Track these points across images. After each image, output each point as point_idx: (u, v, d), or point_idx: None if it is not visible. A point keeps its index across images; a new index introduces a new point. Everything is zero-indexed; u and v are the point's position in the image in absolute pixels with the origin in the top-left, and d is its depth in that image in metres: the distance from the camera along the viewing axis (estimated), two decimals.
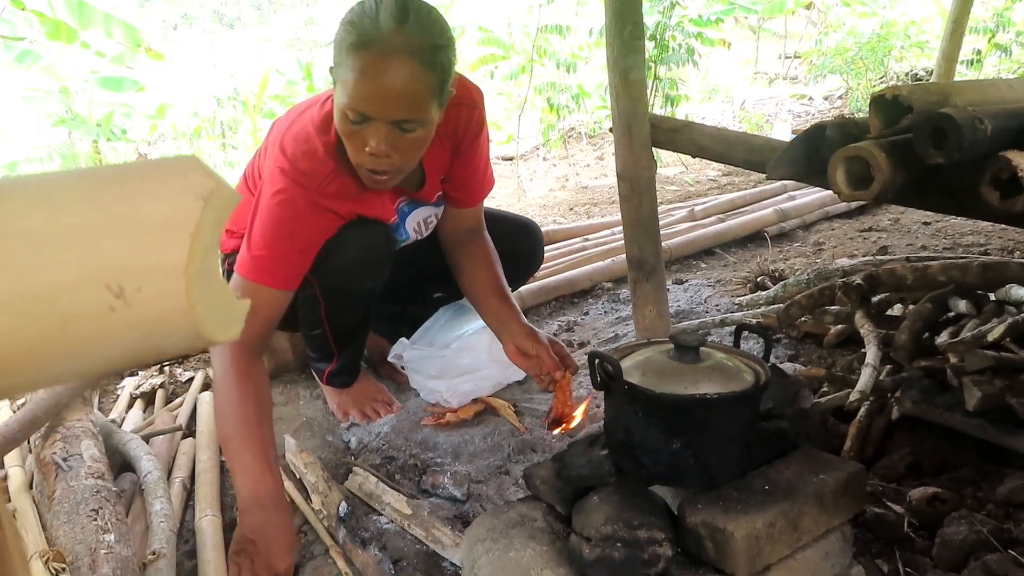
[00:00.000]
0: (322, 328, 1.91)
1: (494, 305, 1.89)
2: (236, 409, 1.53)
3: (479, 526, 1.35)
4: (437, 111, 1.55)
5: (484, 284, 1.92)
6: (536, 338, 1.83)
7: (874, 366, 1.75)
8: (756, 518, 1.16)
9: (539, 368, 1.80)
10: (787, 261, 3.12)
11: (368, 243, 1.79)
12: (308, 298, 1.82)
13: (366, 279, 1.83)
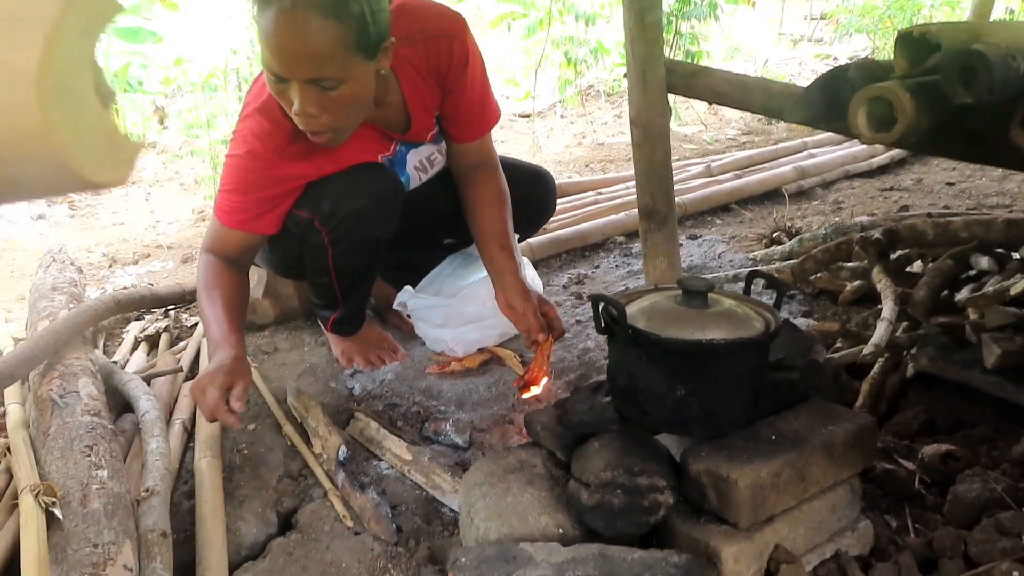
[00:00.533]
0: (328, 276, 1.88)
1: (493, 251, 1.85)
2: (205, 286, 1.66)
3: (477, 471, 1.32)
4: (365, 63, 1.47)
5: (487, 227, 1.87)
6: (525, 295, 1.77)
7: (890, 321, 1.69)
8: (761, 467, 1.12)
9: (525, 325, 1.77)
10: (804, 219, 3.05)
11: (377, 191, 1.75)
12: (315, 246, 1.78)
13: (375, 228, 1.80)
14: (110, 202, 4.55)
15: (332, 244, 1.79)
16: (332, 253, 1.81)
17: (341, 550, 1.41)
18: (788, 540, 1.16)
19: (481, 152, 1.93)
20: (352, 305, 2.01)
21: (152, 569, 1.17)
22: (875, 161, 3.65)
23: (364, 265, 1.92)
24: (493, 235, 1.86)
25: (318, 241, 1.78)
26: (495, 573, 1.10)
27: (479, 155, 1.93)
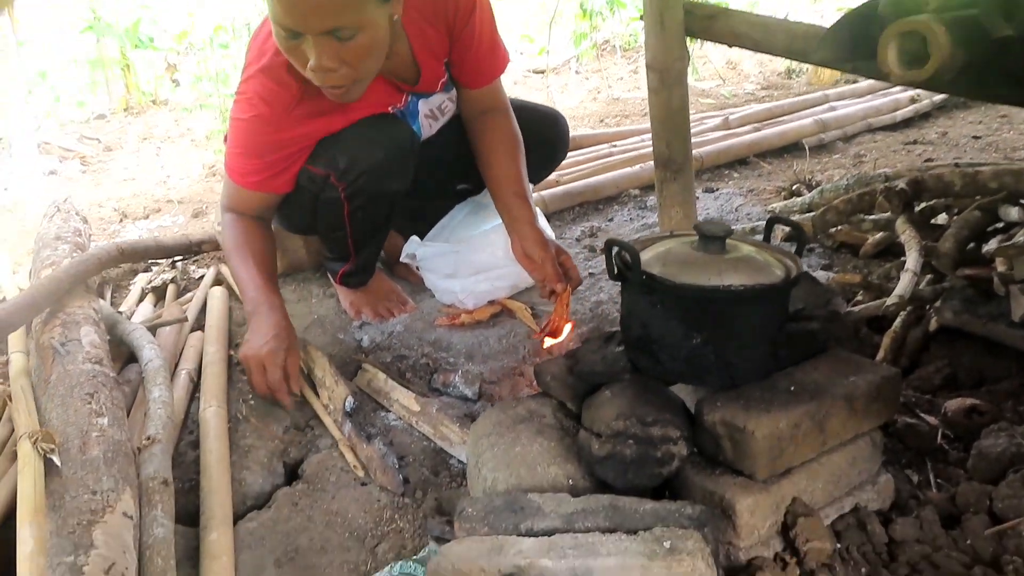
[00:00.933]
0: (343, 231, 1.83)
1: (508, 199, 1.80)
2: (234, 246, 1.69)
3: (485, 421, 1.29)
4: (380, 6, 1.42)
5: (501, 174, 1.82)
6: (543, 244, 1.74)
7: (914, 272, 1.63)
8: (779, 417, 1.08)
9: (542, 275, 1.74)
10: (825, 172, 2.97)
11: (393, 144, 1.70)
12: (331, 200, 1.73)
13: (392, 181, 1.75)
14: (122, 158, 4.52)
15: (348, 199, 1.74)
16: (348, 208, 1.77)
17: (347, 500, 1.38)
18: (806, 493, 1.12)
19: (493, 97, 1.89)
20: (363, 258, 1.97)
21: (153, 517, 1.15)
22: (898, 114, 3.54)
23: (380, 219, 1.88)
24: (508, 182, 1.81)
25: (333, 197, 1.73)
26: (503, 523, 1.07)
27: (491, 100, 1.89)
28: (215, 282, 2.16)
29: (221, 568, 1.20)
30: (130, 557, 1.05)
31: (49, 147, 4.67)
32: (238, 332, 1.95)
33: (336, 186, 1.70)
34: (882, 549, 1.13)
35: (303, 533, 1.32)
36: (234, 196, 1.71)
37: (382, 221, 1.90)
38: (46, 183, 4.04)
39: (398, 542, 1.30)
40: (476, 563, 1.00)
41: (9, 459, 1.35)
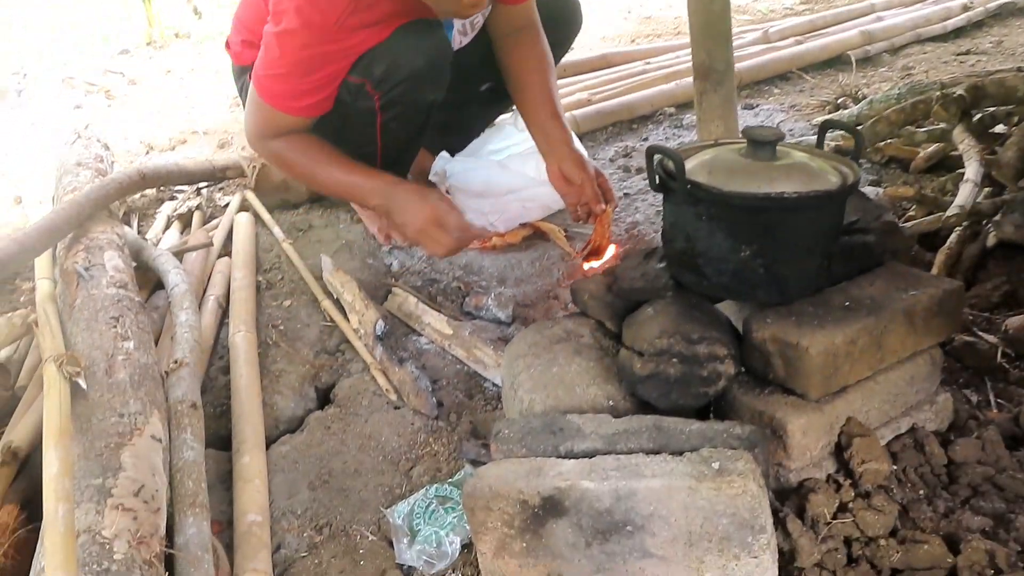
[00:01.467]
0: (373, 146, 1.76)
1: (543, 120, 1.72)
2: (307, 163, 1.64)
3: (521, 341, 1.24)
4: None
5: (535, 95, 1.74)
6: (582, 165, 1.68)
7: (975, 182, 1.53)
8: (835, 333, 1.01)
9: (579, 197, 1.67)
10: (871, 86, 2.81)
11: (432, 52, 1.63)
12: (365, 111, 1.66)
13: (429, 90, 1.68)
14: (146, 91, 4.46)
15: (383, 109, 1.67)
16: (381, 120, 1.69)
17: (380, 424, 1.36)
18: (861, 413, 1.06)
19: (526, 15, 1.80)
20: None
21: (182, 440, 1.12)
22: (949, 23, 3.33)
23: (413, 132, 1.81)
24: (541, 103, 1.74)
25: (368, 107, 1.65)
26: (541, 445, 1.02)
27: (525, 18, 1.80)
28: (241, 208, 2.11)
29: (254, 490, 1.18)
30: (160, 479, 1.03)
31: (74, 82, 4.62)
32: (265, 257, 1.91)
33: (371, 95, 1.62)
34: (941, 471, 1.08)
35: (336, 457, 1.30)
36: (272, 124, 1.62)
37: (415, 134, 1.83)
38: (72, 117, 4.01)
39: (433, 465, 1.27)
40: (514, 485, 0.96)
41: (38, 385, 1.34)
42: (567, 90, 2.82)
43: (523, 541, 0.98)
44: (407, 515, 1.14)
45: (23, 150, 3.38)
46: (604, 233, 1.70)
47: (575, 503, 0.94)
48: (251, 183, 2.16)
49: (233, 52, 1.94)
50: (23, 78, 4.92)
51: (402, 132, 1.76)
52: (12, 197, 2.67)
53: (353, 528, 1.16)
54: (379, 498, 1.22)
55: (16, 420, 1.28)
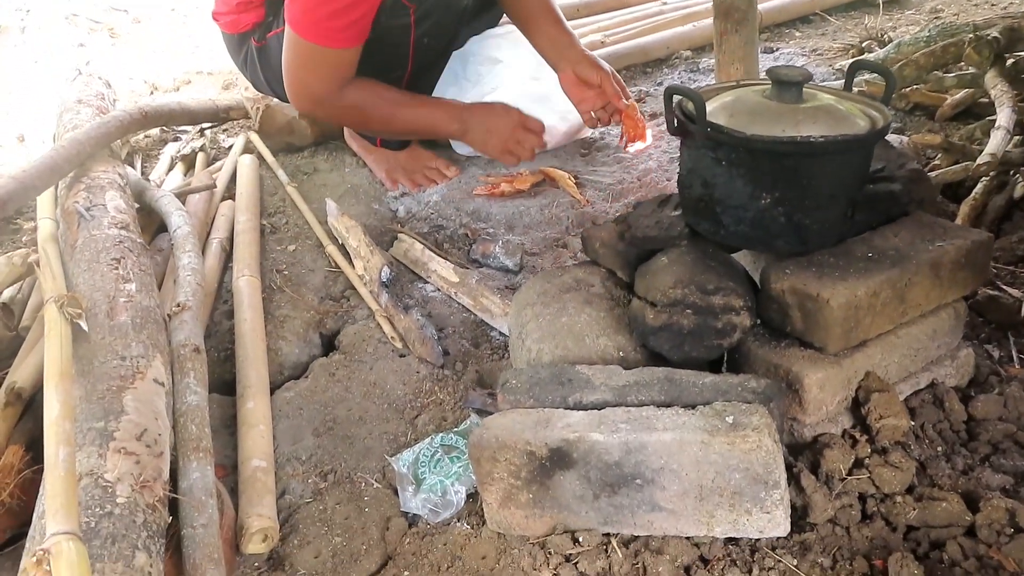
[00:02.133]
0: (404, 68, 1.73)
1: (547, 28, 1.70)
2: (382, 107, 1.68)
3: (529, 290, 1.21)
4: None
5: (535, 6, 1.71)
6: (598, 65, 1.70)
7: (1007, 129, 1.46)
8: (857, 285, 0.97)
9: (597, 100, 1.65)
10: (897, 29, 2.70)
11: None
12: (400, 28, 1.63)
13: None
14: (150, 29, 4.36)
15: (418, 23, 1.64)
16: (415, 35, 1.67)
17: (385, 371, 1.34)
18: (880, 367, 1.03)
19: None
20: None
21: (185, 384, 1.10)
22: None
23: (442, 46, 1.81)
24: (543, 12, 1.74)
25: (403, 24, 1.63)
26: (549, 396, 1.00)
27: None
28: (245, 150, 2.06)
29: (259, 436, 1.17)
30: (162, 423, 1.01)
31: (76, 19, 4.53)
32: (269, 201, 1.87)
33: (407, 7, 1.59)
34: (960, 427, 1.05)
35: (341, 404, 1.28)
36: (329, 69, 1.61)
37: (443, 49, 1.83)
38: (75, 55, 3.93)
39: (438, 414, 1.25)
40: (521, 436, 0.94)
41: (42, 326, 1.32)
42: (580, 31, 2.72)
43: (529, 492, 0.96)
44: (412, 463, 1.12)
45: (26, 88, 3.33)
46: (635, 123, 1.73)
47: (583, 455, 0.92)
48: (255, 124, 2.10)
49: (225, 21, 1.88)
50: (26, 14, 4.82)
51: (433, 46, 1.75)
52: (15, 135, 2.63)
53: (358, 475, 1.15)
54: (384, 446, 1.20)
55: (20, 361, 1.26)
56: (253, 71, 1.90)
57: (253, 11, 1.78)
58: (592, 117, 1.73)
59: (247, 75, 1.97)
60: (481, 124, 1.66)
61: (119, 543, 0.82)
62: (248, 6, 1.78)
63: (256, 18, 1.78)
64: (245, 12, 1.79)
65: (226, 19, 1.85)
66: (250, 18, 1.79)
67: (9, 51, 4.16)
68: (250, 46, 1.85)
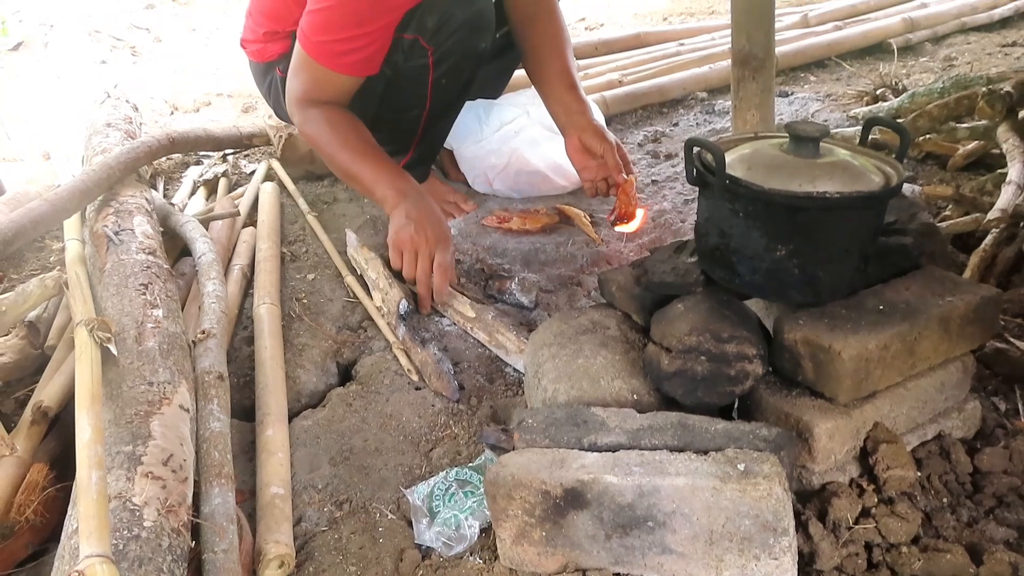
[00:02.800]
0: (422, 106, 1.76)
1: (561, 92, 1.73)
2: (331, 139, 1.62)
3: (546, 330, 1.23)
4: None
5: (552, 68, 1.76)
6: (604, 135, 1.70)
7: (1018, 184, 1.50)
8: (868, 338, 1.00)
9: (599, 171, 1.68)
10: (911, 77, 2.75)
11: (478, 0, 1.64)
12: (418, 68, 1.66)
13: (481, 38, 1.69)
14: (171, 49, 4.44)
15: (436, 64, 1.67)
16: (434, 75, 1.70)
17: (401, 403, 1.36)
18: (888, 418, 1.05)
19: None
20: (425, 148, 1.90)
21: (209, 411, 1.13)
22: (996, 13, 3.24)
23: (462, 87, 1.83)
24: (559, 76, 1.75)
25: (421, 64, 1.66)
26: (564, 436, 1.02)
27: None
28: (266, 177, 2.11)
29: (277, 463, 1.19)
30: (187, 449, 1.04)
31: (99, 36, 4.61)
32: (290, 229, 1.91)
33: (425, 49, 1.62)
34: (966, 479, 1.07)
35: (357, 434, 1.31)
36: (318, 84, 1.60)
37: (462, 89, 1.84)
38: (97, 72, 4.00)
39: (453, 448, 1.28)
40: (537, 475, 0.96)
41: (68, 346, 1.35)
42: (598, 70, 2.78)
43: (543, 530, 0.98)
44: (427, 496, 1.14)
45: (48, 103, 3.39)
46: (629, 201, 1.71)
47: (597, 496, 0.94)
48: (277, 152, 2.15)
49: (253, 50, 1.93)
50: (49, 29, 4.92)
51: (452, 88, 1.77)
52: (39, 151, 2.68)
53: (373, 506, 1.17)
54: (399, 478, 1.22)
55: (46, 379, 1.29)
56: (276, 99, 1.95)
57: (280, 42, 1.83)
58: (592, 186, 1.75)
59: (270, 102, 2.02)
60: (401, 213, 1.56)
61: (145, 566, 0.85)
62: (275, 36, 1.83)
63: (283, 49, 1.83)
64: (272, 42, 1.84)
65: (253, 47, 1.90)
66: (276, 48, 1.84)
67: (32, 65, 4.24)
68: (275, 75, 1.90)
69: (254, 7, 1.89)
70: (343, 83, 1.61)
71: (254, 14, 1.88)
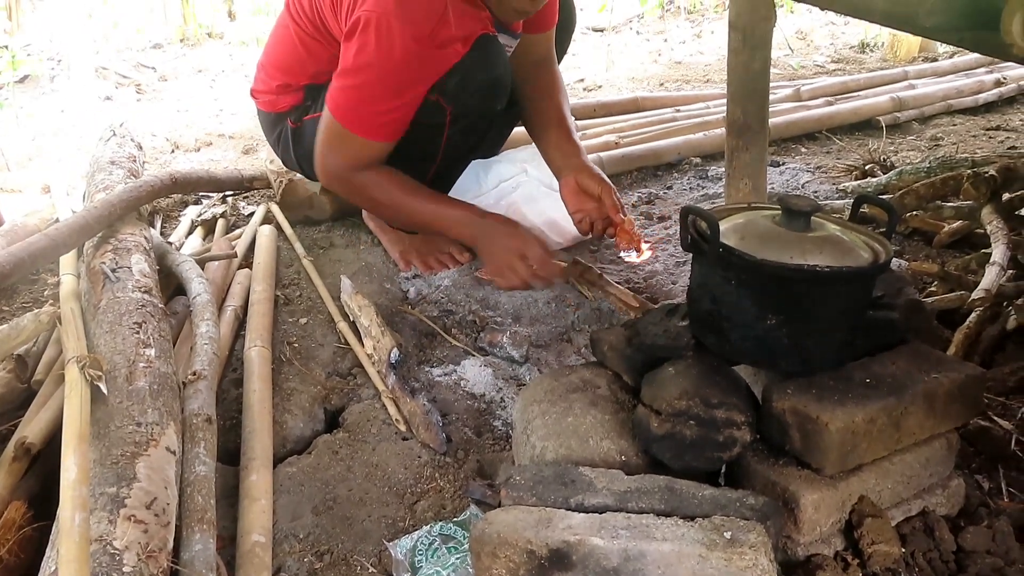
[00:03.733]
0: (433, 160, 1.80)
1: (556, 137, 1.78)
2: (396, 195, 1.69)
3: (536, 387, 1.24)
4: None
5: (548, 115, 1.83)
6: (599, 177, 1.74)
7: (1001, 265, 1.53)
8: (855, 411, 1.01)
9: (595, 212, 1.73)
10: (898, 154, 2.82)
11: (498, 63, 1.69)
12: (433, 126, 1.70)
13: (496, 100, 1.74)
14: (176, 88, 4.50)
15: (452, 122, 1.71)
16: (448, 133, 1.74)
17: (388, 454, 1.36)
18: (874, 492, 1.06)
19: (548, 45, 1.90)
20: None
21: (195, 454, 1.13)
22: (981, 97, 3.35)
23: (474, 143, 1.87)
24: (555, 122, 1.82)
25: (439, 122, 1.70)
26: (552, 495, 1.02)
27: (546, 49, 1.90)
28: (264, 220, 2.13)
29: (260, 511, 1.18)
30: (171, 492, 1.03)
31: (106, 72, 4.68)
32: (285, 273, 1.92)
33: (444, 109, 1.66)
34: (949, 557, 1.07)
35: (342, 483, 1.30)
36: (359, 155, 1.66)
37: (474, 145, 1.89)
38: (101, 108, 4.05)
39: (438, 501, 1.27)
40: (523, 534, 0.95)
41: (55, 382, 1.35)
42: (596, 131, 2.84)
43: None
44: (409, 550, 1.13)
45: (51, 137, 3.42)
46: (631, 236, 1.72)
47: (582, 558, 0.94)
48: (277, 196, 2.17)
49: (264, 100, 1.97)
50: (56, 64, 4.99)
51: (464, 144, 1.82)
52: (39, 183, 2.69)
53: (354, 558, 1.16)
54: (382, 530, 1.21)
55: (31, 415, 1.28)
56: (285, 150, 1.98)
57: (292, 95, 1.87)
58: (586, 224, 1.77)
59: (278, 152, 2.05)
60: (489, 236, 1.63)
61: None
62: (287, 89, 1.87)
63: (295, 101, 1.87)
64: (284, 95, 1.88)
65: (264, 98, 1.94)
66: (288, 100, 1.88)
67: (38, 99, 4.29)
68: (285, 126, 1.93)
69: (267, 60, 1.93)
70: (383, 149, 1.67)
71: (267, 66, 1.92)
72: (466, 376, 1.58)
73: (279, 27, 1.91)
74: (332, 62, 1.71)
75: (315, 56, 1.81)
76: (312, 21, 1.77)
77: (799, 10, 6.44)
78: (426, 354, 1.67)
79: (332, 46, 1.74)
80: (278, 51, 1.90)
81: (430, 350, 1.68)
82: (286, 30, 1.85)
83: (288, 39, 1.84)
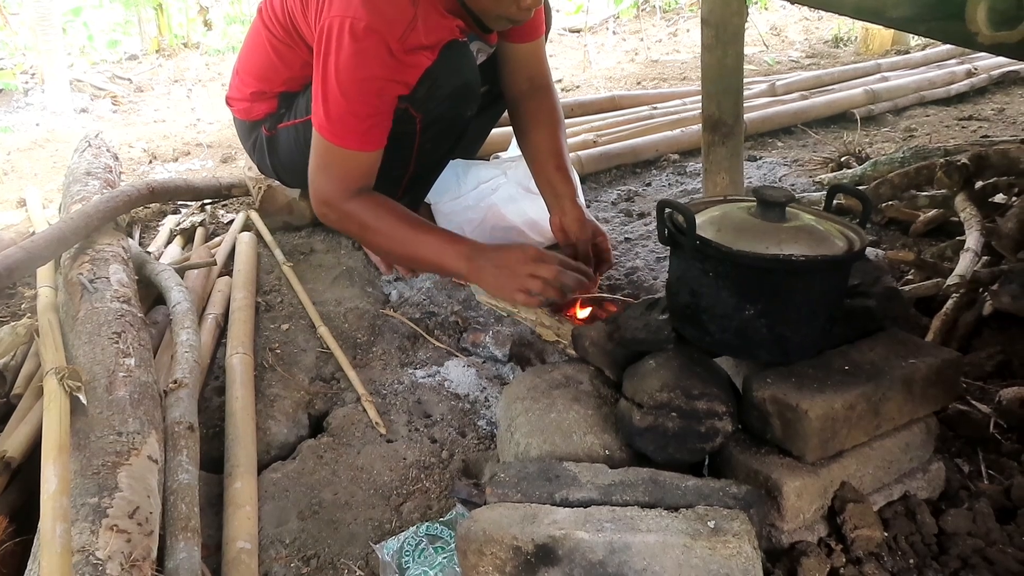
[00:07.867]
0: (406, 168, 1.78)
1: (550, 173, 1.77)
2: (392, 227, 1.61)
3: (519, 384, 1.24)
4: None
5: (543, 148, 1.80)
6: (582, 225, 1.72)
7: (975, 251, 1.55)
8: (834, 398, 1.02)
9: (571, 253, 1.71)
10: (873, 146, 2.86)
11: (467, 70, 1.67)
12: (404, 134, 1.68)
13: (468, 106, 1.72)
14: (152, 99, 4.48)
15: (423, 130, 1.70)
16: (420, 141, 1.72)
17: (373, 456, 1.35)
18: (855, 478, 1.07)
19: (539, 62, 1.87)
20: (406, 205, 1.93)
21: (178, 462, 1.12)
22: (953, 88, 3.40)
23: (445, 151, 1.85)
24: (550, 156, 1.79)
25: (409, 130, 1.68)
26: (536, 491, 1.03)
27: (538, 65, 1.87)
28: (244, 227, 2.12)
29: (245, 517, 1.17)
30: (154, 501, 1.02)
31: (81, 84, 4.64)
32: (266, 279, 1.91)
33: (414, 117, 1.65)
34: (931, 540, 1.08)
35: (327, 487, 1.29)
36: (349, 171, 1.60)
37: (446, 153, 1.87)
38: (77, 120, 4.02)
39: (424, 502, 1.27)
40: (508, 531, 0.96)
41: (35, 395, 1.33)
42: (574, 130, 2.85)
43: None
44: (396, 552, 1.13)
45: (26, 151, 3.39)
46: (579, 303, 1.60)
47: (568, 553, 0.94)
48: (256, 203, 2.17)
49: (239, 108, 1.96)
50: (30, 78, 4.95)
51: (436, 152, 1.81)
52: (15, 198, 2.67)
53: (341, 562, 1.15)
54: (368, 532, 1.21)
55: (10, 429, 1.27)
56: (261, 157, 1.97)
57: (266, 102, 1.86)
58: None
59: (254, 159, 2.04)
60: (490, 263, 1.54)
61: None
62: (261, 96, 1.86)
63: (269, 109, 1.86)
64: (258, 102, 1.87)
65: (239, 105, 1.93)
66: (263, 108, 1.87)
67: (12, 113, 4.25)
68: (260, 134, 1.92)
69: (241, 66, 1.92)
70: (371, 160, 1.62)
71: (241, 73, 1.92)
72: (450, 377, 1.58)
73: (252, 34, 1.90)
74: (305, 68, 1.70)
75: (287, 63, 1.80)
76: (284, 26, 1.76)
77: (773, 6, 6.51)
78: (409, 356, 1.67)
79: (304, 51, 1.73)
80: (252, 58, 1.89)
81: (413, 352, 1.68)
82: (259, 37, 1.84)
83: (261, 46, 1.84)
